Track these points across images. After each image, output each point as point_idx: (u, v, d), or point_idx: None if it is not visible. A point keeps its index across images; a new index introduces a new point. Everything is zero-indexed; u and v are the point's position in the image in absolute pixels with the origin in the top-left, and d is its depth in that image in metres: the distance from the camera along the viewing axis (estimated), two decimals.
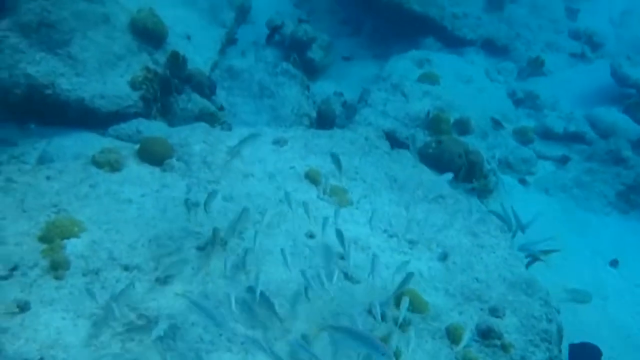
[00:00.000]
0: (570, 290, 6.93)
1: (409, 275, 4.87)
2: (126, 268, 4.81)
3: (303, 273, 4.71)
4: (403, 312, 4.58)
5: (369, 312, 4.83)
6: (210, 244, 5.09)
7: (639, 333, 6.36)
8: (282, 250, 4.91)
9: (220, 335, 4.41)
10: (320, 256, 5.30)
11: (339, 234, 5.15)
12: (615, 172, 8.50)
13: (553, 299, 5.37)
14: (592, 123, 9.63)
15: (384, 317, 4.79)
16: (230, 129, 6.73)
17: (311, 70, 9.93)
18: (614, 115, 9.81)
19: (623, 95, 10.60)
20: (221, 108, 8.02)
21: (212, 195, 5.21)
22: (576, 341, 5.91)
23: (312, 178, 6.16)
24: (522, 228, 6.47)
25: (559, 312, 5.34)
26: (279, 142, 6.55)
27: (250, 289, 4.71)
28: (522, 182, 7.88)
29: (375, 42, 11.71)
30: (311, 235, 5.53)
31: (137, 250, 4.98)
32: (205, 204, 5.16)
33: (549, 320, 5.10)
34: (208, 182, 5.82)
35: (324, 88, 9.77)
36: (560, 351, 5.14)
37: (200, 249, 5.12)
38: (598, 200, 8.32)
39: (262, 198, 5.81)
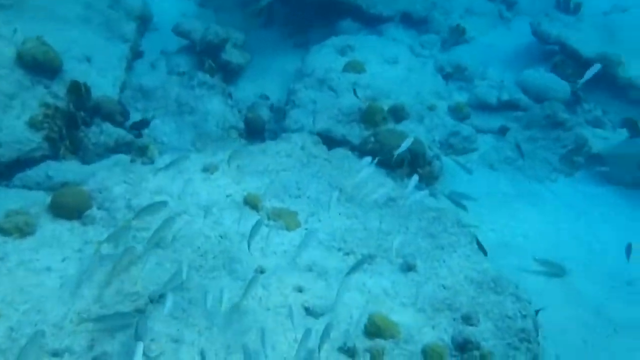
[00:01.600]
0: (542, 261, 6.87)
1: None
2: (55, 354, 4.22)
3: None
4: None
5: (340, 348, 4.49)
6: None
7: (607, 303, 6.38)
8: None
9: None
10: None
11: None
12: (555, 137, 8.53)
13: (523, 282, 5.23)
14: (524, 88, 9.62)
15: (354, 350, 4.48)
16: (152, 161, 6.12)
17: (230, 74, 9.35)
18: (543, 77, 9.84)
19: (547, 53, 10.67)
20: (139, 135, 7.36)
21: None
22: None
23: (251, 204, 5.71)
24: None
25: (530, 302, 5.20)
26: (208, 169, 6.02)
27: None
28: (468, 172, 7.74)
29: (292, 31, 11.23)
30: (262, 271, 5.11)
31: (64, 329, 4.38)
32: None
33: (524, 317, 4.96)
34: (137, 230, 5.25)
35: (247, 91, 9.22)
36: (539, 344, 5.01)
37: (140, 311, 4.59)
38: (543, 167, 8.32)
39: (201, 238, 5.31)
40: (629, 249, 6.41)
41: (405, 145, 5.97)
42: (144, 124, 7.50)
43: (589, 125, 9.12)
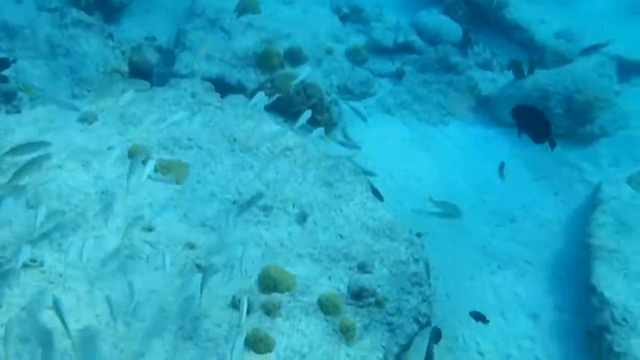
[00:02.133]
0: (438, 203, 7.09)
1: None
2: None
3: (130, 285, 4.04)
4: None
5: (232, 305, 4.36)
6: None
7: (493, 241, 6.74)
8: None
9: None
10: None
11: None
12: (447, 80, 8.68)
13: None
14: (419, 30, 9.65)
15: (250, 308, 4.37)
16: (19, 110, 5.46)
17: (111, 11, 8.50)
18: (436, 18, 9.90)
19: None
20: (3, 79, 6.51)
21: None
22: None
23: (136, 155, 5.27)
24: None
25: (423, 247, 5.34)
26: (87, 119, 5.47)
27: None
28: (363, 119, 7.70)
29: None
30: (150, 228, 4.80)
31: None
32: None
33: (416, 261, 5.08)
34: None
35: (132, 32, 8.46)
36: (430, 285, 5.19)
37: None
38: (437, 111, 8.49)
39: (80, 195, 4.86)
40: (501, 168, 6.79)
41: (303, 75, 5.77)
42: (2, 64, 6.62)
43: (479, 68, 9.36)
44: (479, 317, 5.41)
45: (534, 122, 5.52)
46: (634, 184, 6.85)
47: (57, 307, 3.73)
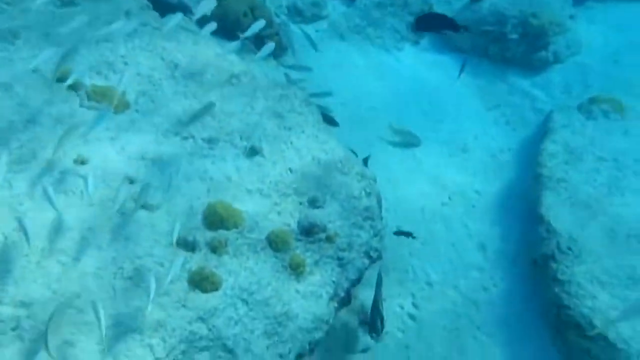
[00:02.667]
0: (398, 130, 6.98)
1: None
2: None
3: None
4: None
5: (178, 243, 4.15)
6: None
7: (445, 172, 6.70)
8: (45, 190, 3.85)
9: None
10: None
11: None
12: (402, 3, 8.30)
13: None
14: None
15: (194, 243, 4.17)
16: None
17: None
18: None
19: None
20: None
21: None
22: None
23: (65, 80, 4.78)
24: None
25: (375, 180, 5.21)
26: (6, 38, 4.89)
27: None
28: (314, 48, 7.30)
29: None
30: (82, 162, 4.43)
31: None
32: None
33: (368, 194, 4.95)
34: None
35: None
36: (382, 219, 5.12)
37: None
38: (391, 36, 8.17)
39: (2, 123, 4.40)
40: (463, 66, 6.75)
41: (255, 27, 5.27)
42: None
43: None
44: (404, 234, 5.45)
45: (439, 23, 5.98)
46: (584, 112, 6.87)
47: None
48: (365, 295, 5.24)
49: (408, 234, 5.50)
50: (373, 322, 4.69)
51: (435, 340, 5.04)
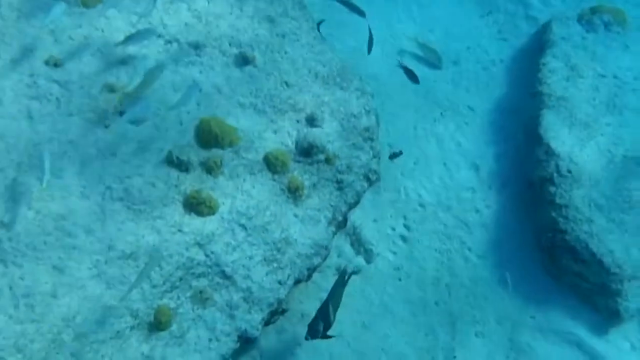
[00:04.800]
0: (423, 46, 6.70)
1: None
2: None
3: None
4: None
5: (168, 161, 3.91)
6: None
7: (436, 87, 6.51)
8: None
9: None
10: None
11: None
12: None
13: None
14: None
15: (188, 163, 3.95)
16: None
17: None
18: None
19: None
20: None
21: None
22: None
23: None
24: None
25: (373, 95, 5.00)
26: None
27: None
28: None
29: None
30: (56, 64, 4.03)
31: None
32: None
33: (367, 112, 4.77)
34: None
35: None
36: (377, 137, 4.97)
37: None
38: None
39: None
40: None
41: None
42: None
43: None
44: (396, 155, 5.33)
45: None
46: (585, 23, 6.66)
47: None
48: (356, 216, 5.21)
49: (399, 154, 5.35)
50: (315, 321, 3.82)
51: (427, 262, 5.12)
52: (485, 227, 5.38)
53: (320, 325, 3.77)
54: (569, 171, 5.07)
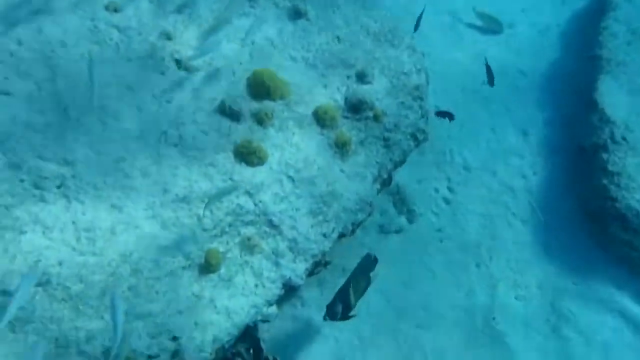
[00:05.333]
0: (482, 15, 6.65)
1: None
2: None
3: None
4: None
5: (221, 111, 4.03)
6: None
7: (486, 49, 6.42)
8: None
9: None
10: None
11: None
12: None
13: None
14: None
15: (239, 113, 4.06)
16: None
17: None
18: None
19: None
20: None
21: None
22: None
23: None
24: None
25: (424, 54, 4.98)
26: None
27: None
28: None
29: None
30: (116, 9, 4.15)
31: None
32: None
33: (418, 71, 4.77)
34: None
35: None
36: (426, 96, 4.97)
37: None
38: None
39: None
40: None
41: None
42: None
43: None
44: (444, 114, 5.18)
45: None
46: None
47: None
48: (400, 176, 5.26)
49: (448, 115, 5.29)
50: (334, 303, 3.72)
51: (469, 225, 5.15)
52: (531, 193, 5.37)
53: (339, 307, 3.69)
54: (624, 138, 4.98)
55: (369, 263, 3.91)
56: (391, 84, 4.61)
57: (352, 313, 3.73)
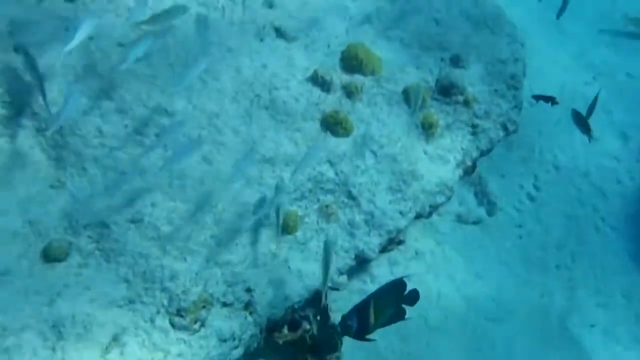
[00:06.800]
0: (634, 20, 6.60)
1: None
2: None
3: None
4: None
5: (313, 80, 4.25)
6: None
7: (592, 49, 6.28)
8: None
9: None
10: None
11: None
12: None
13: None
14: None
15: (330, 84, 4.27)
16: None
17: None
18: None
19: None
20: None
21: None
22: None
23: None
24: None
25: (523, 44, 4.98)
26: None
27: None
28: None
29: None
30: None
31: None
32: None
33: (516, 60, 4.78)
34: None
35: None
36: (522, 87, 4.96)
37: None
38: None
39: None
40: None
41: None
42: None
43: None
44: (545, 98, 4.99)
45: None
46: None
47: None
48: (484, 167, 5.29)
49: (552, 100, 5.12)
50: (349, 316, 3.38)
51: (553, 225, 5.11)
52: (625, 199, 5.25)
53: (354, 321, 3.35)
54: None
55: (398, 286, 3.53)
56: (486, 71, 4.66)
57: (369, 336, 3.38)
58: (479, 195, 5.24)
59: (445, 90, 4.51)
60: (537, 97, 4.90)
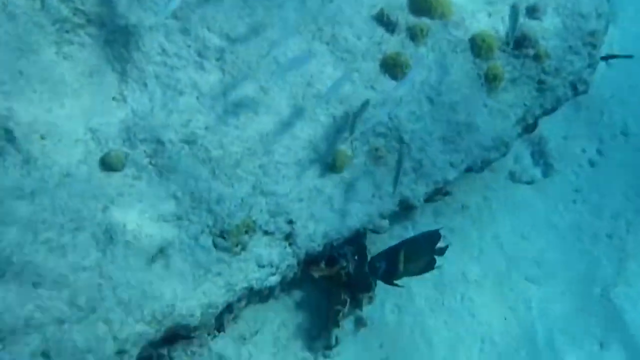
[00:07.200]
0: None
1: None
2: None
3: None
4: None
5: (378, 18, 4.18)
6: None
7: None
8: None
9: None
10: None
11: None
12: None
13: None
14: None
15: (395, 24, 4.19)
16: None
17: None
18: None
19: None
20: None
21: None
22: None
23: None
24: None
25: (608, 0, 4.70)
26: None
27: None
28: None
29: None
30: None
31: None
32: None
33: (598, 16, 4.53)
34: None
35: None
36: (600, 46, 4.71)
37: None
38: None
39: None
40: None
41: None
42: None
43: None
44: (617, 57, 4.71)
45: None
46: None
47: None
48: (546, 126, 5.14)
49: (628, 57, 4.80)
50: (378, 258, 3.47)
51: (612, 194, 4.97)
52: None
53: (382, 263, 3.40)
54: None
55: (433, 237, 3.56)
56: (563, 25, 4.44)
57: (397, 282, 3.42)
58: (536, 155, 5.11)
59: (516, 42, 4.34)
60: (607, 57, 4.64)
